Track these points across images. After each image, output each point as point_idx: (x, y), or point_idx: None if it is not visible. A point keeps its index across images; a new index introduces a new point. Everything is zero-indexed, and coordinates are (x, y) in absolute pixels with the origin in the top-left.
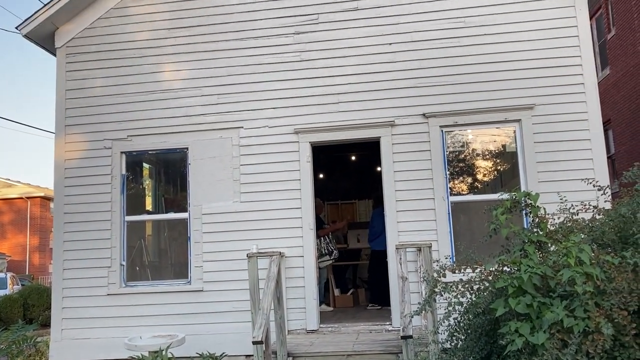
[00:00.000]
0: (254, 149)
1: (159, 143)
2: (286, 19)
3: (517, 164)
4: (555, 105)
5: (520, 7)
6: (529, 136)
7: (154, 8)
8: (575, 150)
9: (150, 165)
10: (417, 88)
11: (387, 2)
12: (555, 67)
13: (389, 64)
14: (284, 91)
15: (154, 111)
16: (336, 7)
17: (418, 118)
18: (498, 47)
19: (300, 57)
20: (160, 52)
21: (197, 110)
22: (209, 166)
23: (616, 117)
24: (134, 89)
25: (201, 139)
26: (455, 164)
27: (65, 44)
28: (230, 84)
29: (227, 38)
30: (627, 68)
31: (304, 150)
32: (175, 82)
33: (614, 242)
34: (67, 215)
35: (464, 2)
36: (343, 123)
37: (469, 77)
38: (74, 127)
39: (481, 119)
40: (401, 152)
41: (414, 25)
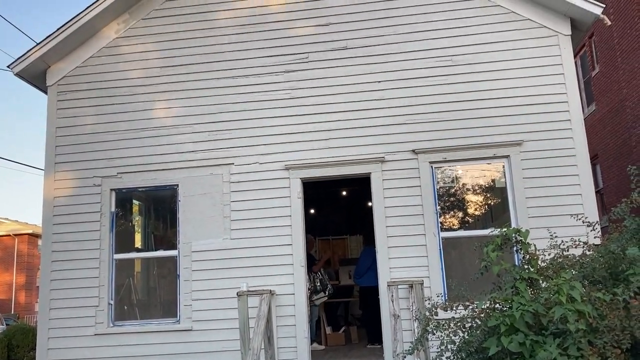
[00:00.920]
0: (244, 185)
1: (149, 180)
2: (277, 58)
3: (507, 199)
4: (543, 142)
5: (506, 45)
6: (518, 172)
7: (146, 47)
8: (564, 185)
9: (140, 202)
10: (407, 125)
11: (376, 41)
12: (542, 104)
13: (378, 101)
14: (275, 128)
15: (145, 148)
16: (326, 46)
17: (408, 154)
18: (485, 85)
19: (291, 95)
20: (151, 90)
21: (188, 147)
22: (199, 203)
23: (603, 152)
24: (124, 126)
25: (192, 175)
26: (445, 198)
27: (56, 82)
28: (221, 121)
29: (219, 76)
30: (612, 104)
31: (295, 187)
32: (167, 119)
33: (605, 279)
34: (55, 253)
35: (451, 42)
36: (334, 159)
37: (458, 114)
38: (63, 164)
39: (470, 155)
40: (392, 187)
41: (402, 64)
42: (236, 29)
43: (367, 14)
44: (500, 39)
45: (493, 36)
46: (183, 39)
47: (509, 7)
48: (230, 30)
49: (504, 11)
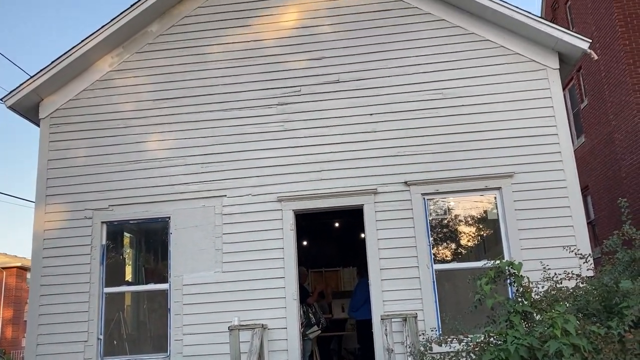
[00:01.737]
0: (236, 217)
1: (140, 212)
2: (270, 91)
3: (499, 230)
4: (534, 174)
5: (496, 79)
6: (510, 204)
7: (139, 80)
8: (555, 217)
9: (131, 234)
10: (398, 157)
11: (368, 74)
12: (533, 136)
13: (370, 133)
14: (268, 160)
15: (137, 180)
16: (319, 79)
17: (400, 186)
18: (476, 117)
19: (284, 127)
20: (144, 123)
21: (180, 179)
22: (190, 235)
23: (594, 184)
24: (117, 158)
25: (183, 207)
26: (438, 230)
27: (49, 115)
28: (214, 153)
29: (212, 109)
30: (601, 136)
31: (287, 219)
32: (159, 151)
33: (599, 312)
34: (44, 287)
35: (441, 75)
36: (326, 191)
37: (449, 146)
38: (54, 197)
39: (462, 186)
40: (384, 219)
41: (394, 97)
42: (229, 62)
43: (359, 48)
44: (490, 72)
45: (483, 70)
46: (176, 72)
47: (497, 42)
48: (223, 64)
49: (493, 45)
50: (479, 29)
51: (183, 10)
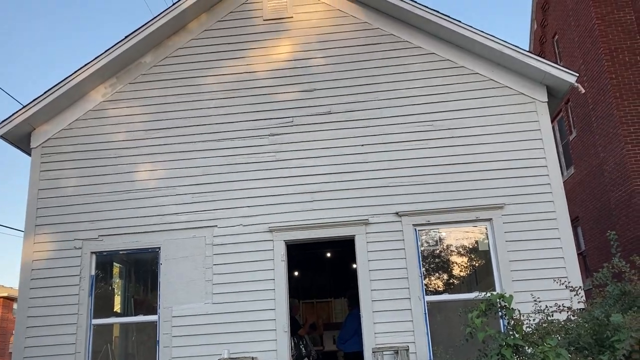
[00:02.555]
0: (227, 248)
1: (130, 243)
2: (262, 122)
3: (490, 261)
4: (525, 205)
5: (485, 111)
6: (501, 235)
7: (132, 110)
8: (546, 248)
9: (120, 265)
10: (390, 187)
11: (359, 106)
12: (522, 168)
13: (361, 164)
14: (259, 190)
15: (128, 210)
16: (310, 110)
17: (391, 217)
18: (466, 149)
19: (276, 157)
20: (136, 153)
21: (171, 209)
22: (180, 266)
23: (584, 215)
24: (108, 188)
25: (174, 238)
26: (430, 260)
27: (41, 144)
28: (205, 183)
29: (204, 139)
30: (590, 168)
31: (279, 249)
32: (150, 181)
33: (591, 345)
34: (31, 318)
35: (431, 107)
36: (318, 221)
37: (439, 177)
38: (44, 226)
39: (453, 218)
40: (376, 250)
41: (385, 128)
42: (222, 93)
43: (350, 81)
44: (480, 104)
45: (472, 102)
46: (169, 103)
47: (487, 75)
48: (216, 95)
49: (482, 78)
50: (468, 62)
51: (177, 42)
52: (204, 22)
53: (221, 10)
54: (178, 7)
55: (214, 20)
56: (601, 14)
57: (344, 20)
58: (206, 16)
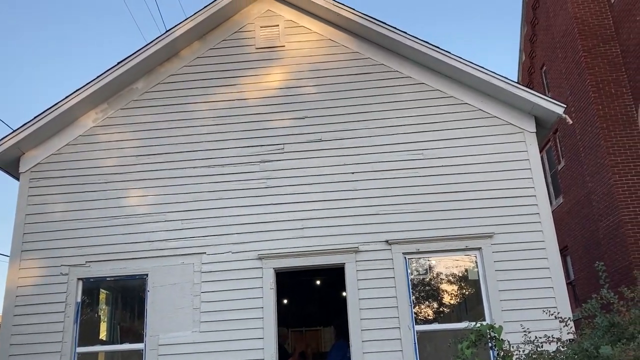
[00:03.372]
0: (216, 275)
1: (118, 269)
2: (253, 148)
3: (480, 291)
4: (514, 234)
5: (475, 141)
6: (490, 264)
7: (122, 136)
8: (535, 278)
9: (107, 291)
10: (380, 215)
11: (349, 134)
12: (511, 197)
13: (352, 191)
14: (249, 217)
15: (116, 236)
16: (302, 138)
17: (381, 245)
18: (456, 178)
19: (266, 184)
20: (125, 178)
21: (160, 235)
22: (168, 293)
23: (573, 244)
24: (96, 214)
25: (162, 265)
26: (420, 288)
27: (29, 169)
28: (195, 209)
29: (194, 165)
30: (578, 197)
31: (268, 277)
32: (140, 207)
33: None
34: (14, 346)
35: (421, 136)
36: (308, 249)
37: (430, 206)
38: (30, 252)
39: (443, 246)
40: (366, 279)
41: (375, 156)
42: (214, 120)
43: (341, 109)
44: (469, 134)
45: (462, 132)
46: (160, 129)
47: (476, 105)
48: (208, 121)
49: (471, 109)
50: (458, 92)
51: (169, 69)
52: (196, 49)
53: (214, 38)
54: (171, 34)
55: (206, 48)
56: (587, 47)
57: (335, 50)
58: (199, 44)
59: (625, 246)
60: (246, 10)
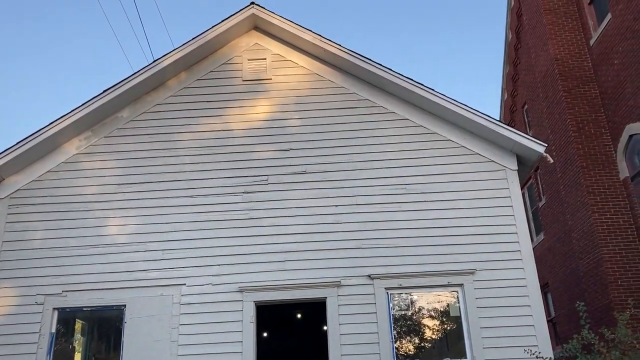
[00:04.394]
0: (195, 307)
1: (95, 299)
2: (237, 179)
3: (462, 327)
4: (495, 271)
5: (457, 177)
6: (472, 301)
7: (105, 164)
8: (516, 316)
9: (83, 321)
10: (362, 249)
11: (334, 167)
12: (493, 234)
13: (335, 224)
14: (231, 248)
15: (94, 266)
16: (285, 169)
17: (364, 279)
18: (438, 214)
19: (249, 216)
20: (107, 207)
21: (140, 265)
22: (146, 325)
23: (554, 281)
24: (75, 242)
25: (141, 295)
26: (401, 323)
27: (9, 195)
28: (176, 239)
29: (177, 195)
30: (559, 234)
31: (248, 311)
32: (120, 236)
33: None
34: None
35: (405, 171)
36: (289, 282)
37: (412, 241)
38: (5, 280)
39: (425, 282)
40: (347, 313)
41: (359, 190)
42: (198, 150)
43: (326, 142)
44: (452, 170)
45: (445, 167)
46: (144, 158)
47: (459, 142)
48: (192, 151)
49: (454, 145)
50: (441, 129)
51: (155, 98)
52: (183, 80)
53: (201, 70)
54: (158, 64)
55: (193, 79)
56: (568, 88)
57: (321, 84)
58: (186, 74)
59: (605, 285)
60: (234, 42)
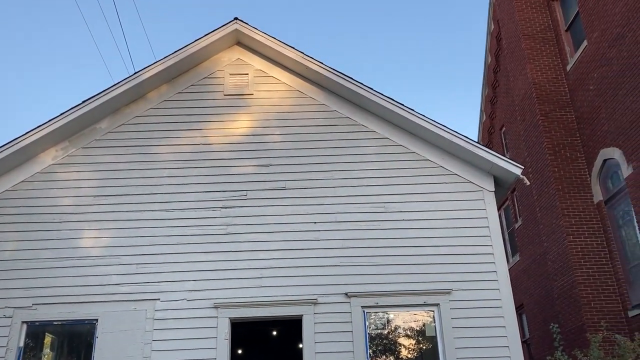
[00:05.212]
0: (169, 323)
1: (66, 313)
2: (215, 194)
3: (437, 347)
4: (471, 292)
5: (435, 197)
6: (448, 321)
7: (81, 175)
8: (491, 337)
9: (53, 336)
10: (340, 267)
11: (313, 184)
12: (470, 254)
13: (313, 241)
14: (207, 264)
15: (67, 279)
16: (265, 185)
17: (340, 297)
18: (416, 233)
19: (227, 231)
20: (81, 219)
21: (113, 279)
22: (118, 340)
23: (528, 302)
24: (48, 254)
25: (113, 310)
26: (377, 342)
27: None
28: (151, 253)
29: (153, 208)
30: (534, 256)
31: (223, 327)
32: (94, 249)
33: None
34: None
35: (384, 189)
36: (265, 299)
37: (390, 259)
38: None
39: (401, 301)
40: (323, 332)
41: (338, 207)
42: (177, 163)
43: (306, 158)
44: (430, 190)
45: (423, 187)
46: (121, 170)
47: (437, 162)
48: (170, 164)
49: (433, 165)
50: (420, 149)
51: (135, 110)
52: (164, 92)
53: (182, 83)
54: (139, 76)
55: (174, 92)
56: (545, 112)
57: (303, 101)
58: (166, 87)
59: (579, 307)
60: (217, 57)
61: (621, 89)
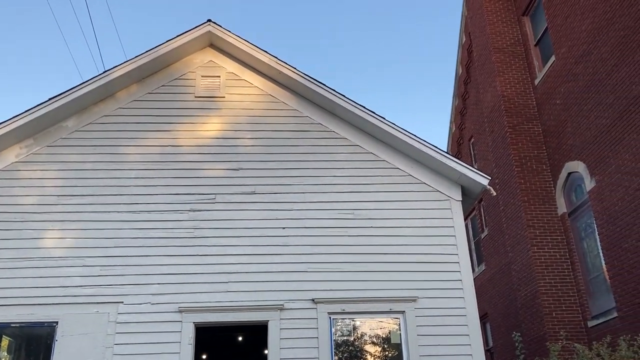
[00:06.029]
0: (131, 327)
1: (25, 315)
2: (183, 196)
3: (402, 355)
4: (436, 300)
5: (403, 205)
6: (413, 329)
7: (45, 174)
8: (455, 345)
9: (11, 338)
10: (307, 273)
11: (283, 189)
12: (436, 262)
13: (281, 247)
14: (173, 267)
15: (26, 279)
16: (235, 189)
17: (307, 303)
18: (384, 240)
19: (194, 234)
20: (44, 218)
21: (75, 281)
22: (78, 344)
23: (492, 311)
24: (7, 254)
25: (74, 312)
26: (343, 349)
27: None
28: (115, 255)
29: (119, 210)
30: (499, 266)
31: (187, 332)
32: (57, 250)
33: None
34: None
35: (353, 196)
36: (231, 304)
37: (357, 266)
38: None
39: (368, 308)
40: (289, 338)
41: (307, 213)
42: (144, 164)
43: (277, 163)
44: (398, 198)
45: (392, 195)
46: (87, 169)
47: (406, 170)
48: (137, 165)
49: (402, 173)
50: (390, 156)
51: (103, 109)
52: (133, 92)
53: (153, 83)
54: (108, 75)
55: (144, 92)
56: (512, 124)
57: (274, 106)
58: (137, 87)
59: (541, 317)
60: (189, 58)
61: (586, 104)
